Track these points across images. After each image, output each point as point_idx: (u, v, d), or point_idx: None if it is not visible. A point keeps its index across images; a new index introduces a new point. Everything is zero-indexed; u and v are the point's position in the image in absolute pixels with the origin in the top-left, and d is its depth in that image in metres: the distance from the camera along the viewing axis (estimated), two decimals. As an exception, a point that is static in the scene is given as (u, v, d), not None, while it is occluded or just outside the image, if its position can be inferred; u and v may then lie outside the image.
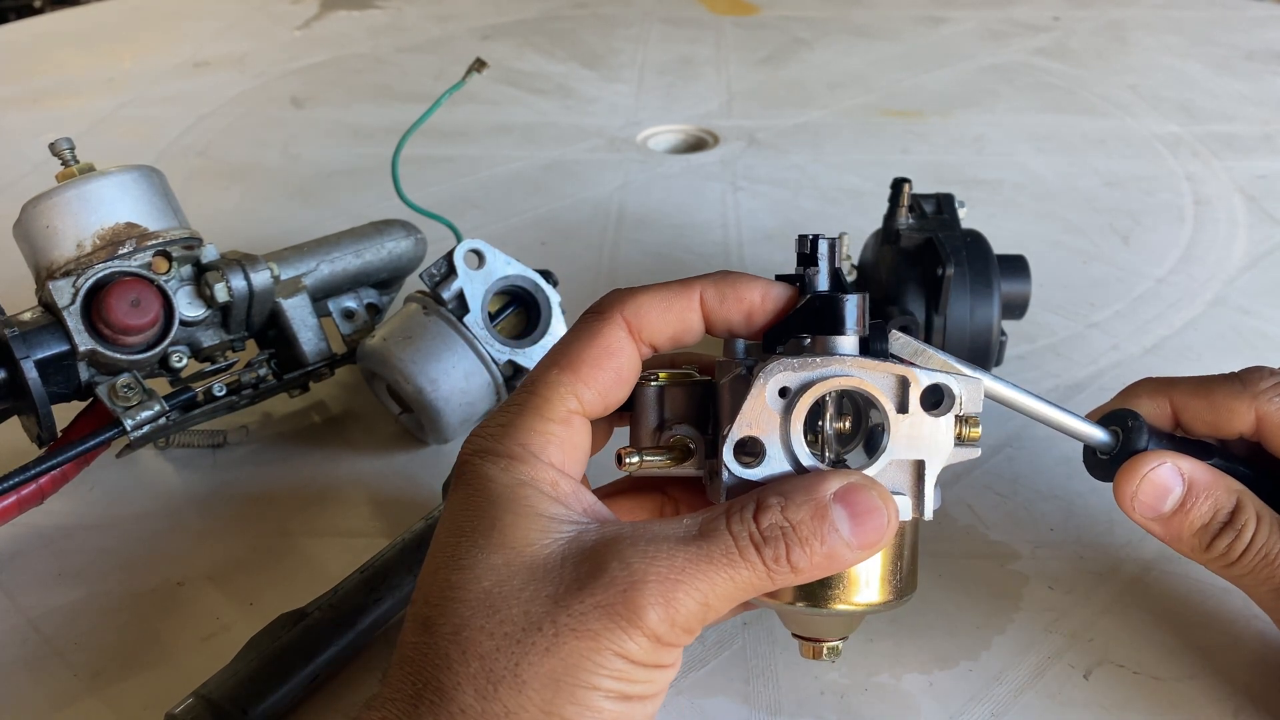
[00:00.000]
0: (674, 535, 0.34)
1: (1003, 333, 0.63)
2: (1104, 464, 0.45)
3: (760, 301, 0.39)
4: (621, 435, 0.43)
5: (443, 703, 0.33)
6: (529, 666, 0.32)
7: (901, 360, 0.39)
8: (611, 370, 0.39)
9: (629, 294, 0.39)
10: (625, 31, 1.48)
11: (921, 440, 0.38)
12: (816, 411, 0.39)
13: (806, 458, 0.37)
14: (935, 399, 0.38)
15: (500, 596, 0.34)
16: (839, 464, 0.40)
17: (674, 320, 0.39)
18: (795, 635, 0.42)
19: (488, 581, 0.34)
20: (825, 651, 0.41)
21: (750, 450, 0.38)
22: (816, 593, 0.38)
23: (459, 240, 0.63)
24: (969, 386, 0.39)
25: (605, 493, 0.44)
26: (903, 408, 0.38)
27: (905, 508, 0.39)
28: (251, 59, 1.39)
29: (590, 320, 0.39)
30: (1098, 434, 0.44)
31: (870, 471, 0.38)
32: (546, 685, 0.32)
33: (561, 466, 0.38)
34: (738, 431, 0.37)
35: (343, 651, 0.49)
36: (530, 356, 0.62)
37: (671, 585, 0.33)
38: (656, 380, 0.41)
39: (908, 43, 1.43)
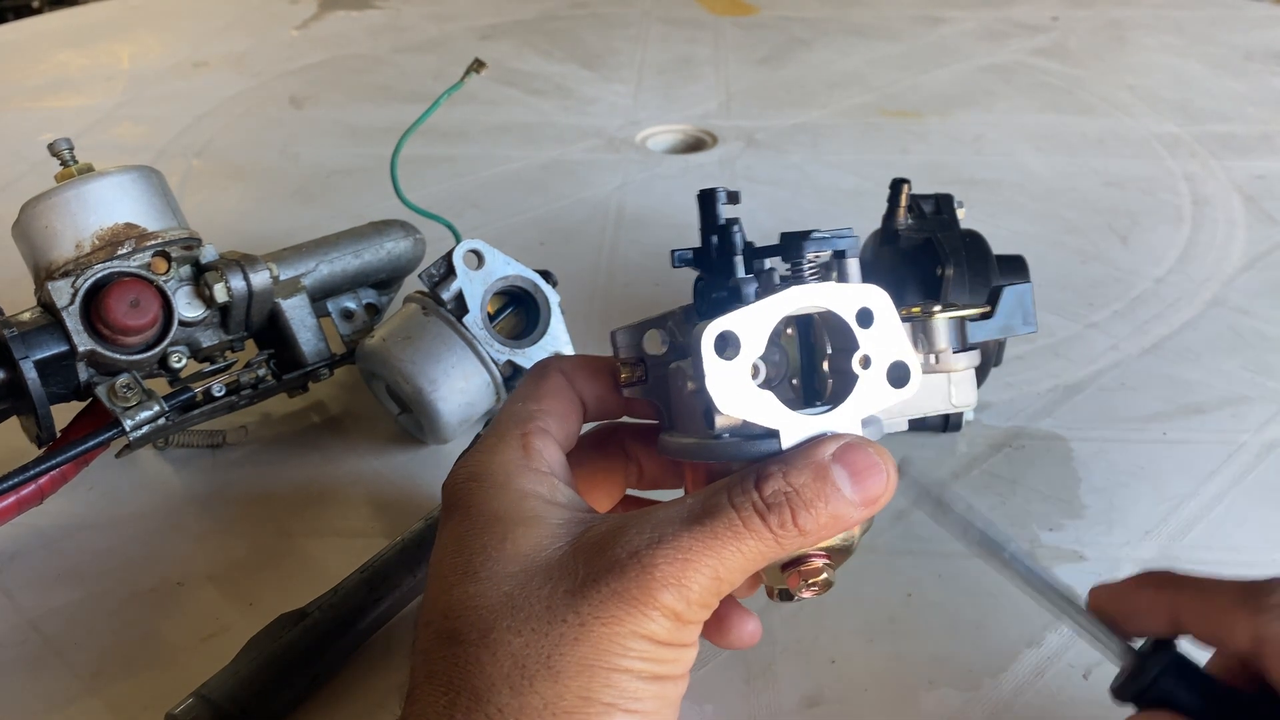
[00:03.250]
0: (678, 517, 0.35)
1: (1002, 333, 0.63)
2: (1119, 685, 0.40)
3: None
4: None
5: (478, 706, 0.33)
6: (560, 656, 0.33)
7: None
8: (565, 398, 0.42)
9: (559, 357, 0.45)
10: (624, 32, 1.48)
11: (884, 350, 0.37)
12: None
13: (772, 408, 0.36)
14: (865, 318, 0.37)
15: (523, 598, 0.34)
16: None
17: (594, 372, 0.43)
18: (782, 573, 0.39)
19: (508, 587, 0.35)
20: (813, 575, 0.38)
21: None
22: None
23: (458, 240, 0.63)
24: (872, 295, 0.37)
25: (571, 458, 0.43)
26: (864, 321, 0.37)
27: (881, 428, 0.39)
28: (250, 59, 1.39)
29: (534, 371, 0.44)
30: (1114, 650, 0.40)
31: (859, 398, 0.37)
32: (581, 671, 0.33)
33: (554, 473, 0.39)
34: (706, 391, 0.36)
35: (343, 651, 0.50)
36: (529, 357, 0.62)
37: (681, 565, 0.34)
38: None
39: (906, 43, 1.43)
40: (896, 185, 0.65)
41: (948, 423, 0.65)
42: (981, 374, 0.64)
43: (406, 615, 0.53)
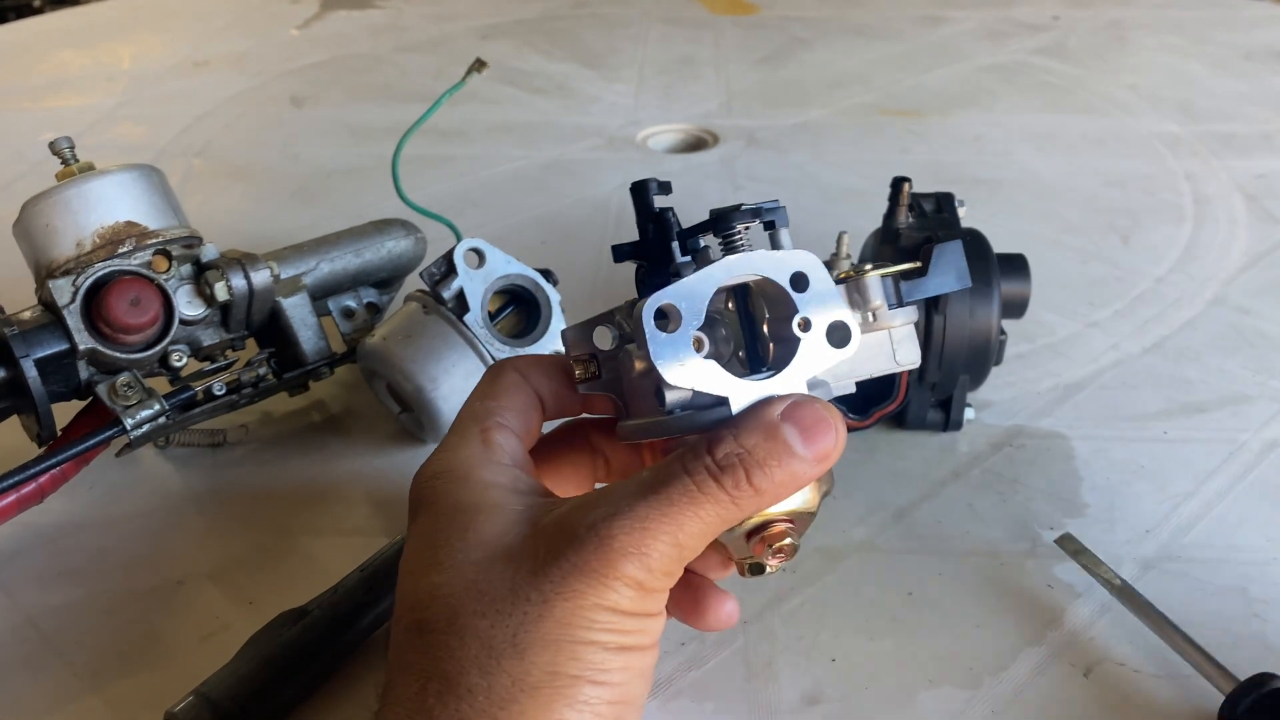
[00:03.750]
0: (633, 489, 0.36)
1: (1002, 332, 0.63)
2: (1220, 711, 0.46)
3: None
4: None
5: (449, 689, 0.34)
6: (525, 634, 0.34)
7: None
8: (522, 395, 0.42)
9: (514, 357, 0.45)
10: (625, 31, 1.48)
11: (825, 310, 0.38)
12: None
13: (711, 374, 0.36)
14: (800, 283, 0.38)
15: (487, 583, 0.35)
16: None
17: (548, 370, 0.44)
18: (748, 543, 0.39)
19: (472, 574, 0.35)
20: (778, 549, 0.38)
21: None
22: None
23: (459, 239, 0.63)
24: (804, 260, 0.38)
25: (538, 456, 0.44)
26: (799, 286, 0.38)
27: (829, 391, 0.39)
28: (251, 58, 1.39)
29: (490, 371, 0.44)
30: (1220, 680, 0.46)
31: (803, 360, 0.37)
32: (547, 647, 0.34)
33: (515, 464, 0.40)
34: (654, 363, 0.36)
35: (343, 650, 0.50)
36: (530, 355, 0.62)
37: (640, 535, 0.34)
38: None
39: (907, 42, 1.43)
40: (897, 184, 0.65)
41: (948, 421, 0.65)
42: (981, 373, 0.64)
43: (407, 614, 0.53)
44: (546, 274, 0.64)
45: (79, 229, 0.57)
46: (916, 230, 0.64)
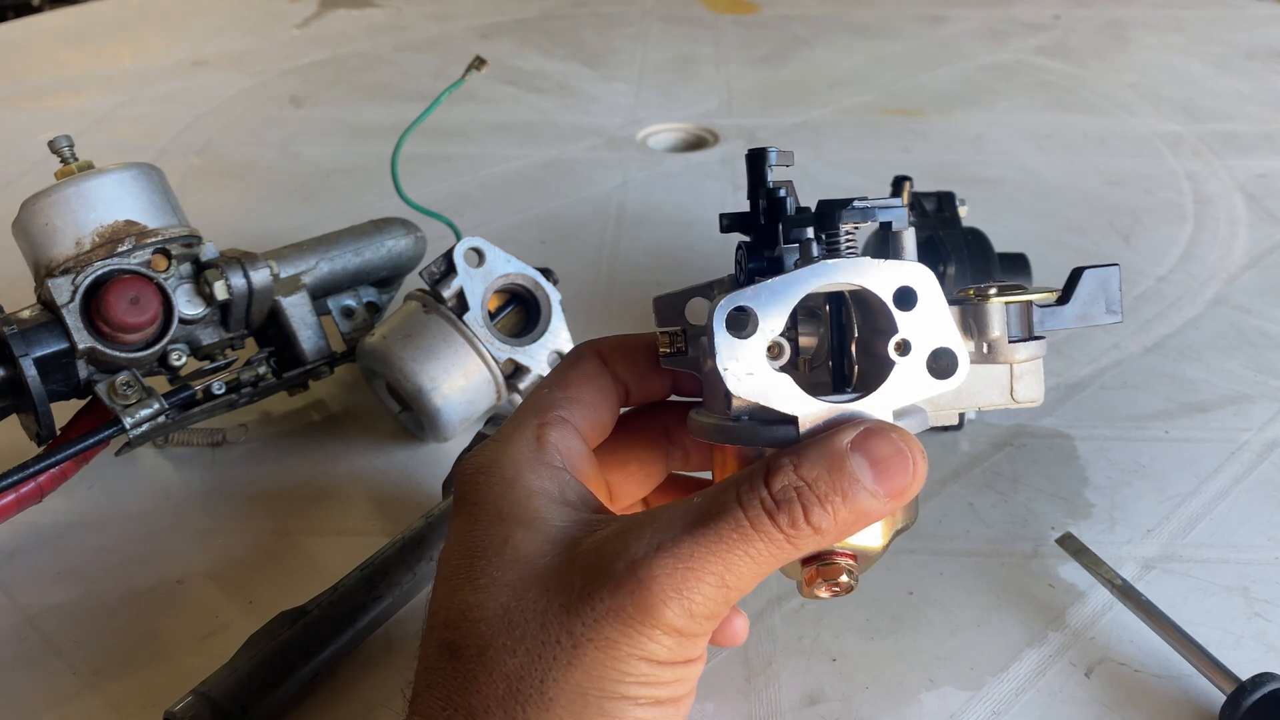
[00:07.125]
0: (681, 519, 0.33)
1: (1003, 331, 0.63)
2: (1222, 710, 0.46)
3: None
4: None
5: None
6: (554, 683, 0.32)
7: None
8: (595, 385, 0.40)
9: (601, 339, 0.42)
10: (625, 30, 1.48)
11: (929, 336, 0.34)
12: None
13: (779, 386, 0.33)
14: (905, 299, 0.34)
15: (519, 612, 0.33)
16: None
17: (635, 354, 0.41)
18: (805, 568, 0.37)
19: (505, 598, 0.33)
20: (840, 576, 0.35)
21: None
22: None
23: (459, 238, 0.63)
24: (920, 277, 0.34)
25: (609, 446, 0.42)
26: (904, 303, 0.34)
27: (925, 420, 0.36)
28: (250, 58, 1.39)
29: (570, 354, 0.42)
30: (1221, 679, 0.47)
31: (893, 386, 0.34)
32: (574, 700, 0.32)
33: (565, 468, 0.38)
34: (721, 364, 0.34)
35: (342, 649, 0.49)
36: (530, 354, 0.62)
37: (684, 575, 0.31)
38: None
39: (908, 41, 1.43)
40: (898, 183, 0.65)
41: (949, 421, 0.65)
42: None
43: (407, 613, 0.53)
44: (546, 273, 0.64)
45: (78, 228, 0.57)
46: (918, 229, 0.64)
